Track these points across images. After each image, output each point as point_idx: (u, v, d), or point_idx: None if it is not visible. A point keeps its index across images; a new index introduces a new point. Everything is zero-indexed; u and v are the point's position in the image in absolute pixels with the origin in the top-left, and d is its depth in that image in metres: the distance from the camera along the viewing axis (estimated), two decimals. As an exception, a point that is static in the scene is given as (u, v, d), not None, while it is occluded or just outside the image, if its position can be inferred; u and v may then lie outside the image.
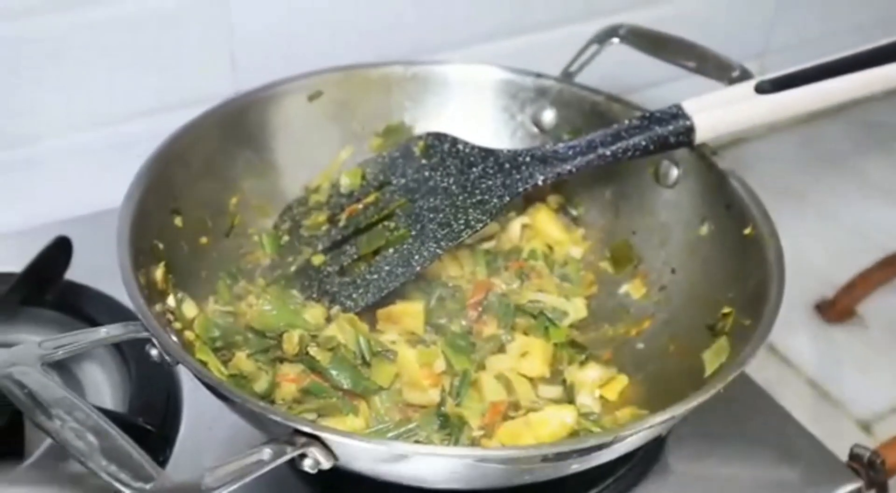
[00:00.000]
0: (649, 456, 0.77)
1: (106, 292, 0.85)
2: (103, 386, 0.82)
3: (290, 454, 0.59)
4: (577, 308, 0.83)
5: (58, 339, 0.63)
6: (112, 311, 0.83)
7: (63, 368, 0.81)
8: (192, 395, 0.80)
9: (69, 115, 0.93)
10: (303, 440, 0.60)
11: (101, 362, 0.83)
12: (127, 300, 0.69)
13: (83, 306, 0.85)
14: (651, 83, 1.02)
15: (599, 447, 0.64)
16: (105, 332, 0.65)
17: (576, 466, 0.66)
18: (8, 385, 0.58)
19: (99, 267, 0.78)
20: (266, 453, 0.59)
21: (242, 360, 0.74)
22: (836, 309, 1.01)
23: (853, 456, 0.78)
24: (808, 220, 0.82)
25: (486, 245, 0.87)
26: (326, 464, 0.61)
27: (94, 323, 0.82)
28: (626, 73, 0.93)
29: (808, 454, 0.79)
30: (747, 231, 0.77)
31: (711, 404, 0.66)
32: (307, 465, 0.61)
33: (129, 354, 0.81)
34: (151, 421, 0.76)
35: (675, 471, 0.77)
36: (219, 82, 0.95)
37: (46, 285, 0.85)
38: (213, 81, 0.95)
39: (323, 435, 0.60)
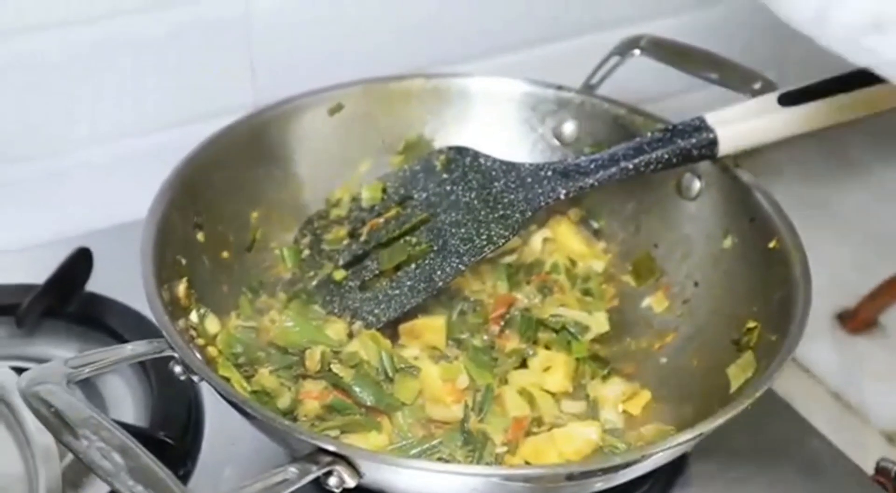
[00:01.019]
0: (673, 470, 0.76)
1: (127, 304, 0.85)
2: (125, 400, 0.82)
3: (316, 472, 0.59)
4: (599, 322, 0.82)
5: (84, 357, 0.63)
6: (133, 322, 0.83)
7: (85, 381, 0.81)
8: (214, 410, 0.80)
9: (91, 128, 0.93)
10: (328, 458, 0.60)
11: (124, 376, 0.83)
12: (148, 312, 0.69)
13: (104, 318, 0.85)
14: (672, 94, 1.01)
15: (626, 466, 0.64)
16: (130, 349, 0.65)
17: (600, 484, 0.66)
18: (35, 404, 0.58)
19: (120, 279, 0.78)
20: (291, 472, 0.59)
21: (265, 376, 0.74)
22: (859, 319, 1.00)
23: (880, 470, 0.78)
24: (829, 229, 0.81)
25: (508, 259, 0.86)
26: (351, 482, 0.61)
27: (115, 334, 0.83)
28: (647, 84, 0.93)
29: (832, 467, 0.79)
30: (772, 244, 0.77)
31: (735, 417, 0.65)
32: (332, 483, 0.60)
33: (151, 368, 0.81)
34: (173, 436, 0.76)
35: (698, 485, 0.77)
36: (239, 94, 0.95)
37: (68, 297, 0.85)
38: (233, 93, 0.95)
39: (349, 454, 0.60)
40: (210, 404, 0.80)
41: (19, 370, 0.64)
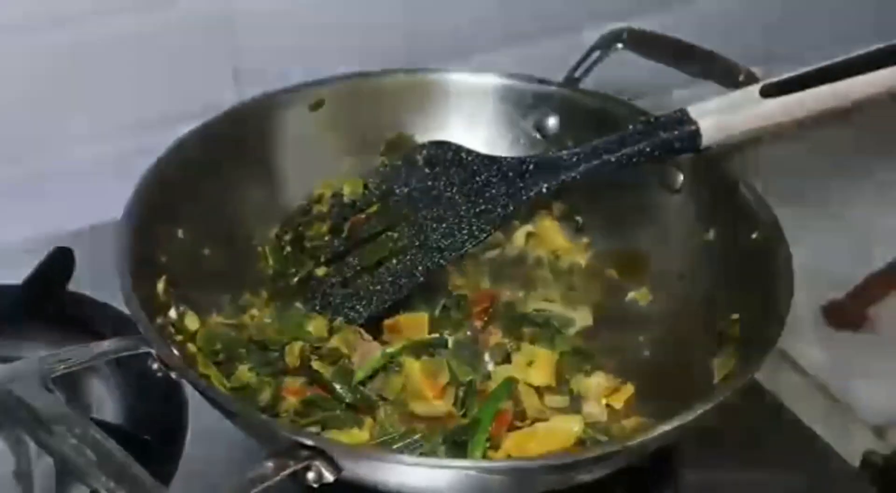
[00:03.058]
0: (657, 464, 0.75)
1: (110, 303, 0.84)
2: (107, 399, 0.82)
3: (293, 467, 0.59)
4: (582, 316, 0.82)
5: (59, 354, 0.63)
6: (115, 322, 0.83)
7: (67, 381, 0.80)
8: (197, 408, 0.79)
9: (72, 128, 0.92)
10: (306, 453, 0.59)
11: (105, 374, 0.82)
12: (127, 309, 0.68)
13: (86, 317, 0.84)
14: (656, 89, 1.01)
15: (606, 458, 0.63)
16: (107, 346, 0.64)
17: (580, 477, 0.65)
18: (8, 401, 0.58)
19: (103, 278, 0.77)
20: (268, 466, 0.58)
21: (245, 373, 0.73)
22: (847, 314, 1.00)
23: (866, 462, 0.78)
24: (817, 224, 0.80)
25: (491, 254, 0.86)
26: (330, 477, 0.60)
27: (96, 334, 0.82)
28: (630, 79, 0.92)
29: (820, 460, 0.79)
30: (755, 236, 0.77)
31: (720, 410, 0.65)
32: (310, 478, 0.60)
33: (133, 367, 0.80)
34: (155, 435, 0.76)
35: (683, 478, 0.77)
36: (222, 94, 0.94)
37: (49, 297, 0.85)
38: (216, 93, 0.94)
39: (327, 449, 0.59)
40: (193, 404, 0.79)
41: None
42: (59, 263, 0.85)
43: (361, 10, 0.97)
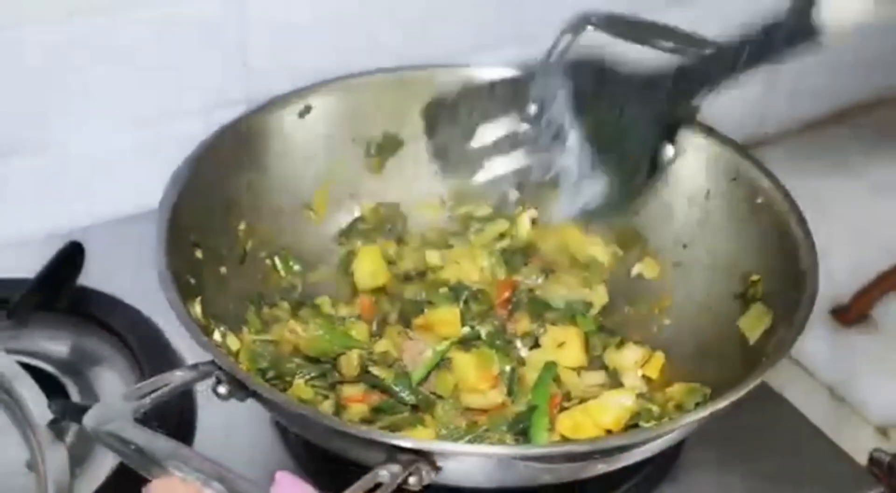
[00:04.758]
0: (666, 458, 0.76)
1: (119, 298, 0.84)
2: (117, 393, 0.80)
3: (404, 473, 0.59)
4: (600, 295, 0.84)
5: (138, 389, 0.62)
6: (124, 316, 0.83)
7: (77, 374, 0.81)
8: (207, 404, 0.77)
9: (82, 123, 0.91)
10: (407, 457, 0.59)
11: (114, 366, 0.82)
12: (137, 303, 0.76)
13: (96, 312, 0.84)
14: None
15: (661, 435, 0.65)
16: (181, 376, 0.63)
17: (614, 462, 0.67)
18: (111, 443, 0.57)
19: (112, 273, 0.80)
20: (383, 475, 0.58)
21: (301, 387, 0.73)
22: (852, 314, 1.01)
23: (873, 461, 0.80)
24: (821, 225, 0.80)
25: (501, 244, 0.87)
26: (427, 479, 0.61)
27: (106, 328, 0.83)
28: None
29: (827, 459, 0.79)
30: (760, 200, 0.79)
31: (727, 409, 0.65)
32: (413, 482, 0.60)
33: (142, 359, 0.79)
34: (166, 427, 0.73)
35: (691, 476, 0.77)
36: (233, 89, 0.93)
37: (59, 291, 0.84)
38: (227, 88, 0.94)
39: (430, 449, 0.60)
40: (203, 399, 0.77)
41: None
42: (70, 258, 0.84)
43: (364, 8, 0.96)
